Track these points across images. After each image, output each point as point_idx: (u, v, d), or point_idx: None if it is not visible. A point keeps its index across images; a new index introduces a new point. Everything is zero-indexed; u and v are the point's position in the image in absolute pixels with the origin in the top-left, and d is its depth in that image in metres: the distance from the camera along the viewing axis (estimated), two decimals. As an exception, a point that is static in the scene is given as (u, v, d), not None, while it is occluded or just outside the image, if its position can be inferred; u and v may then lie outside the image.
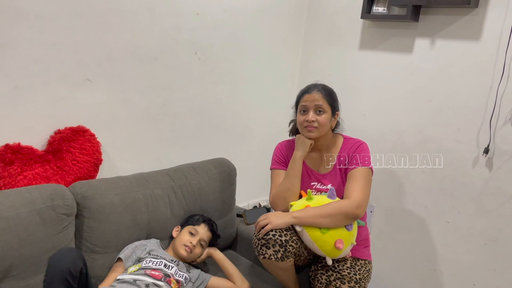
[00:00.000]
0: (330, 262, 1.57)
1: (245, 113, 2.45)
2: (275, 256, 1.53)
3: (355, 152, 1.69)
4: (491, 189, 1.96)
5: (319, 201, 1.59)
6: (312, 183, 1.75)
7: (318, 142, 1.73)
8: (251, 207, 2.57)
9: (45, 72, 1.63)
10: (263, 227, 1.55)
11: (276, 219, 1.55)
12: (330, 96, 1.69)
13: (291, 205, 1.64)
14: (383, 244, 2.33)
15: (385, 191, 2.30)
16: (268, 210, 2.45)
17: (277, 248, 1.52)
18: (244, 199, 2.57)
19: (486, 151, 1.93)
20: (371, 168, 1.68)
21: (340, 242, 1.52)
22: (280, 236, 1.53)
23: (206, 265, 1.88)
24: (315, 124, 1.66)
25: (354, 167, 1.65)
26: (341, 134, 1.81)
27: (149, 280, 1.53)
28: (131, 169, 1.92)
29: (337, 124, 1.78)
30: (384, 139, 2.28)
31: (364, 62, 2.35)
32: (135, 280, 1.51)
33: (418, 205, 2.19)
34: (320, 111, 1.67)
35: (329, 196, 1.61)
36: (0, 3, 1.47)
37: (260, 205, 2.69)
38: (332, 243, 1.52)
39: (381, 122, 2.30)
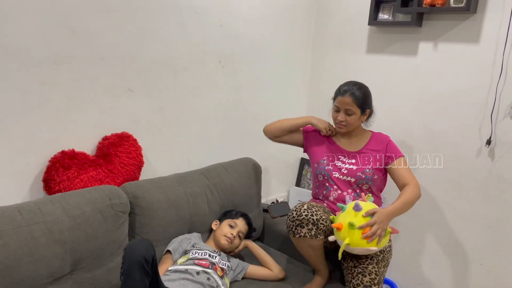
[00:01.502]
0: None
1: (264, 115, 2.62)
2: (309, 234, 1.73)
3: (387, 148, 1.98)
4: (494, 177, 2.16)
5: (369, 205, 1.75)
6: (339, 156, 2.00)
7: (349, 131, 2.01)
8: (269, 203, 2.75)
9: (94, 84, 1.80)
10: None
11: (385, 224, 1.67)
12: (360, 100, 1.90)
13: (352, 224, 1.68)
14: (395, 231, 2.53)
15: (396, 183, 2.50)
16: (288, 204, 2.64)
17: (310, 226, 1.73)
18: (263, 196, 2.74)
19: (488, 142, 2.13)
20: (404, 156, 1.99)
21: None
22: (312, 215, 1.74)
23: (242, 257, 2.06)
24: (344, 123, 1.92)
25: (395, 159, 1.94)
26: (370, 130, 2.08)
27: (199, 268, 1.71)
28: (167, 170, 2.09)
29: (370, 115, 2.04)
30: (394, 136, 2.44)
31: (371, 65, 2.55)
32: (186, 270, 1.69)
33: (428, 195, 2.39)
34: (349, 114, 1.91)
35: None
36: (55, 25, 1.63)
37: (277, 200, 2.87)
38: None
39: (391, 121, 2.50)
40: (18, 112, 1.60)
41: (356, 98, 1.89)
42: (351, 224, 1.64)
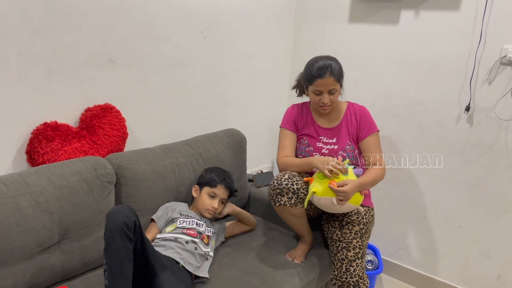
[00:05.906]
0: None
1: (247, 87, 2.63)
2: (289, 202, 1.77)
3: (362, 122, 1.94)
4: (472, 142, 2.23)
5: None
6: (320, 137, 1.98)
7: None
8: (254, 174, 2.78)
9: (74, 54, 1.76)
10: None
11: (349, 195, 1.68)
12: (339, 75, 1.84)
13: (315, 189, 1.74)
14: (378, 198, 2.58)
15: (378, 151, 2.55)
16: (272, 174, 2.68)
17: (290, 195, 1.77)
18: (247, 167, 2.77)
19: (467, 109, 2.18)
20: (378, 130, 1.96)
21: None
22: (292, 184, 1.78)
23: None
24: (329, 103, 1.87)
25: (368, 136, 1.93)
26: (346, 101, 2.04)
27: (187, 238, 1.73)
28: (151, 142, 2.09)
29: None
30: (375, 104, 2.51)
31: (353, 34, 2.56)
32: (176, 238, 1.72)
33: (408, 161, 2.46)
34: (333, 93, 1.86)
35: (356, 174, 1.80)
36: (31, -9, 1.59)
37: (262, 171, 2.90)
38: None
39: (372, 89, 2.53)
40: (-3, 83, 1.57)
41: (336, 75, 1.82)
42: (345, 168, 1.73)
